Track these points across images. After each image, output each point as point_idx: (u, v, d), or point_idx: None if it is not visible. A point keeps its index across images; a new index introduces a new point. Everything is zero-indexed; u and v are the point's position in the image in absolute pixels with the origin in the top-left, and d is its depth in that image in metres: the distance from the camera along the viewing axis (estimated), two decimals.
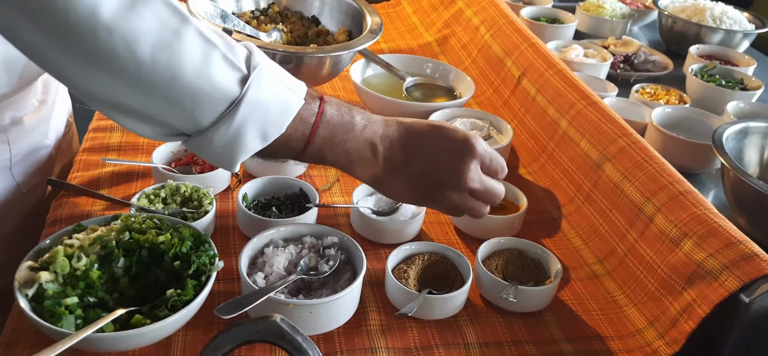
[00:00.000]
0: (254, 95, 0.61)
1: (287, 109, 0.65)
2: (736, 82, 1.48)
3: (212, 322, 0.75)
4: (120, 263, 0.72)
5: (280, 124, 0.64)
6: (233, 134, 0.62)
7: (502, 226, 0.96)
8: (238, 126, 0.61)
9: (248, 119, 0.62)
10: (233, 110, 0.61)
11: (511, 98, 1.30)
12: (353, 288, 0.76)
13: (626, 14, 1.89)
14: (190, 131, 0.63)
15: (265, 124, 0.63)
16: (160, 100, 0.59)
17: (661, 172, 0.92)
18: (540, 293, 0.83)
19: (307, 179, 1.06)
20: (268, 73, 0.64)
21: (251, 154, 0.65)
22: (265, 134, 0.64)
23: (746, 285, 0.73)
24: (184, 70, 0.57)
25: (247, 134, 0.63)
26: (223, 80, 0.60)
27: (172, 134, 0.64)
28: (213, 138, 0.62)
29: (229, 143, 0.62)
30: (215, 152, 0.64)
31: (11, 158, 0.96)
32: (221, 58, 0.60)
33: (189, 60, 0.58)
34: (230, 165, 0.66)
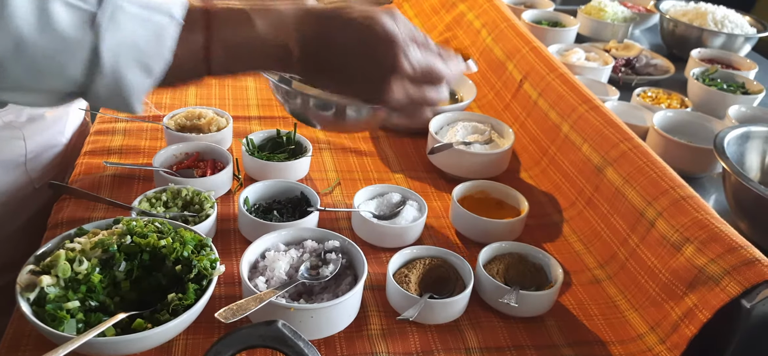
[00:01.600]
0: (113, 32, 0.55)
1: (162, 35, 0.58)
2: (738, 86, 1.48)
3: (213, 326, 0.75)
4: (121, 267, 0.72)
5: (159, 54, 0.58)
6: (112, 80, 0.56)
7: (504, 230, 0.96)
8: (112, 71, 0.56)
9: (118, 59, 0.56)
10: (97, 56, 0.55)
11: (513, 102, 1.30)
12: (354, 293, 0.76)
13: (628, 18, 1.89)
14: (70, 89, 0.58)
15: (142, 59, 0.57)
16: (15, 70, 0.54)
17: (663, 177, 0.92)
18: (541, 297, 0.83)
19: (308, 182, 1.06)
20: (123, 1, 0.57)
21: (146, 91, 0.60)
22: (147, 68, 0.58)
23: (747, 290, 0.73)
24: (22, 33, 0.52)
25: (127, 74, 0.57)
26: (67, 27, 0.54)
27: (60, 98, 0.59)
28: (96, 90, 0.57)
29: (115, 89, 0.57)
30: (108, 103, 0.59)
31: (26, 154, 0.97)
32: (60, 3, 0.54)
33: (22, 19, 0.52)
34: (129, 108, 0.60)
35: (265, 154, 1.06)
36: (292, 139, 1.10)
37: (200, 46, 0.61)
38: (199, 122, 1.11)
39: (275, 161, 1.04)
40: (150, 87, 0.60)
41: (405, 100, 0.68)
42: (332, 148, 1.17)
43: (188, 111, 1.13)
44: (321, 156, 1.14)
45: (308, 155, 1.06)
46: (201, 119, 1.11)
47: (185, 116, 1.12)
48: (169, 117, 1.11)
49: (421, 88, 0.68)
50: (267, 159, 1.04)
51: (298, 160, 1.04)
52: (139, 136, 1.13)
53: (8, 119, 0.95)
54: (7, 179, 0.97)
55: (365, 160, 1.16)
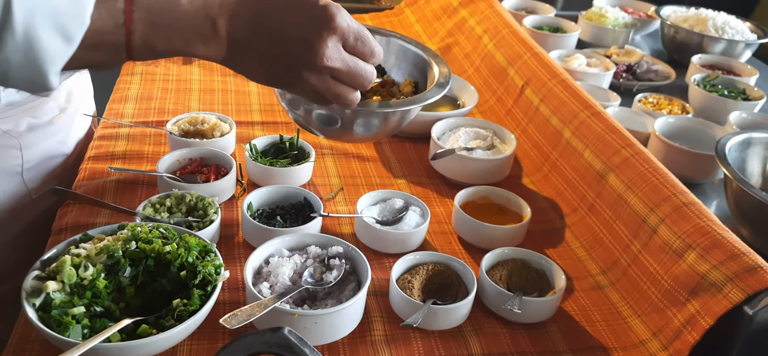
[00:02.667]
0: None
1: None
2: (739, 93, 1.48)
3: (217, 332, 0.76)
4: (126, 272, 0.73)
5: (79, 17, 0.54)
6: (24, 41, 0.52)
7: (506, 236, 0.96)
8: (23, 29, 0.51)
9: (33, 18, 0.51)
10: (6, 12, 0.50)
11: (514, 108, 1.30)
12: (358, 299, 0.76)
13: (628, 23, 1.89)
14: None
15: (57, 18, 0.53)
16: None
17: (665, 183, 0.92)
18: (544, 304, 0.83)
19: (311, 188, 1.06)
20: None
21: (62, 61, 0.55)
22: (65, 31, 0.53)
23: (750, 297, 0.74)
24: None
25: (42, 36, 0.52)
26: None
27: None
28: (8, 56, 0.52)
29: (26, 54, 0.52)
30: (20, 72, 0.54)
31: (23, 164, 0.96)
32: None
33: None
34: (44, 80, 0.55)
35: (268, 159, 1.07)
36: (295, 144, 1.10)
37: (120, 9, 0.57)
38: (202, 127, 1.11)
39: (278, 166, 1.04)
40: (67, 56, 0.55)
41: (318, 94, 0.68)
42: (335, 153, 1.18)
43: (191, 116, 1.14)
44: (324, 161, 1.15)
45: (311, 160, 1.07)
46: (204, 124, 1.12)
47: (188, 122, 1.12)
48: (172, 122, 1.12)
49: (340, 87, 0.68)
50: (270, 164, 1.04)
51: (301, 165, 1.05)
52: (142, 141, 1.14)
53: (6, 127, 0.94)
54: (3, 189, 0.95)
55: (368, 165, 1.16)
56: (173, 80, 1.37)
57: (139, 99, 1.27)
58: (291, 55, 0.65)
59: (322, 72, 0.66)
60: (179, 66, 1.44)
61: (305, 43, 0.64)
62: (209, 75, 1.42)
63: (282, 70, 0.66)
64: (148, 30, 0.59)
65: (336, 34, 0.65)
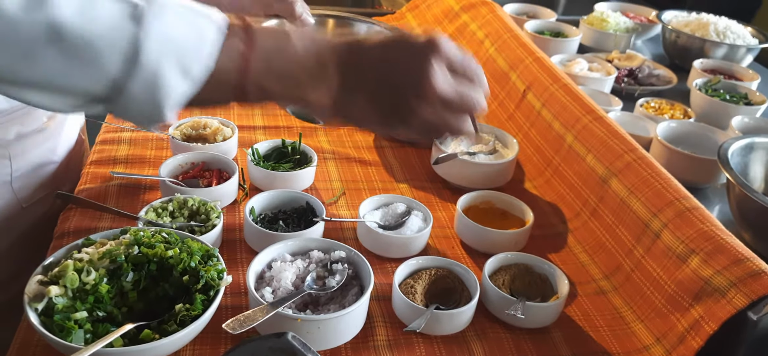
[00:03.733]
0: (157, 27, 0.54)
1: (204, 36, 0.57)
2: (741, 97, 1.48)
3: (220, 337, 0.75)
4: (129, 277, 0.72)
5: (201, 56, 0.57)
6: (150, 77, 0.54)
7: (509, 241, 0.96)
8: (152, 67, 0.54)
9: (160, 56, 0.54)
10: (138, 48, 0.53)
11: (516, 112, 1.30)
12: (361, 304, 0.76)
13: (630, 28, 1.90)
14: (104, 90, 0.55)
15: (183, 59, 0.56)
16: (52, 59, 0.52)
17: (668, 188, 0.92)
18: (547, 309, 0.83)
19: (313, 192, 1.06)
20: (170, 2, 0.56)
21: (181, 99, 0.57)
22: (187, 70, 0.56)
23: (754, 302, 0.73)
24: (61, 16, 0.51)
25: (166, 74, 0.55)
26: (110, 16, 0.53)
27: (88, 102, 0.56)
28: (131, 89, 0.55)
29: (150, 90, 0.55)
30: (140, 107, 0.56)
31: (12, 173, 0.95)
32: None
33: (64, 4, 0.51)
34: (160, 114, 0.57)
35: (270, 164, 1.07)
36: (297, 149, 1.10)
37: (240, 54, 0.60)
38: (204, 132, 1.11)
39: (280, 170, 1.04)
40: (187, 95, 0.58)
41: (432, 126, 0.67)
42: (337, 158, 1.18)
43: (194, 121, 1.14)
44: (326, 166, 1.15)
45: (313, 164, 1.07)
46: (206, 129, 1.12)
47: (191, 126, 1.12)
48: (174, 127, 1.12)
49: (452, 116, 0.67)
50: (272, 169, 1.04)
51: (304, 170, 1.05)
52: (144, 146, 1.14)
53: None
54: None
55: (370, 170, 1.16)
56: None
57: None
58: (401, 88, 0.65)
59: (434, 102, 0.65)
60: None
61: (414, 73, 0.64)
62: None
63: (393, 107, 0.66)
64: (263, 73, 0.61)
65: (442, 59, 0.64)
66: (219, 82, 0.59)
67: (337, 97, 0.65)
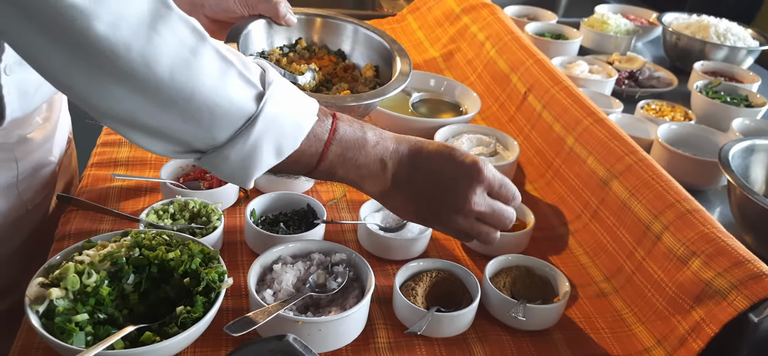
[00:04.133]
0: (270, 110, 0.62)
1: (301, 125, 0.66)
2: (741, 99, 1.48)
3: (221, 339, 0.75)
4: (130, 279, 0.73)
5: (294, 139, 0.65)
6: (249, 150, 0.62)
7: (510, 243, 0.96)
8: (254, 142, 0.62)
9: (264, 134, 0.62)
10: (250, 126, 0.61)
11: (517, 114, 1.30)
12: (362, 306, 0.76)
13: (630, 30, 1.90)
14: (205, 147, 0.63)
15: (280, 139, 0.64)
16: (176, 117, 0.59)
17: (668, 190, 0.92)
18: (548, 311, 0.83)
19: (313, 194, 1.06)
20: (283, 89, 0.65)
21: (266, 170, 0.65)
22: (279, 149, 0.64)
23: (755, 304, 0.73)
24: (201, 87, 0.58)
25: (263, 149, 0.63)
26: (239, 97, 0.61)
27: (186, 152, 0.64)
28: (229, 154, 0.62)
29: (244, 159, 0.63)
30: (230, 169, 0.64)
31: (18, 176, 0.96)
32: (237, 75, 0.61)
33: (206, 77, 0.58)
34: (244, 181, 0.66)
35: None
36: None
37: (323, 141, 0.68)
38: None
39: None
40: (271, 166, 0.65)
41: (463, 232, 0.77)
42: None
43: None
44: None
45: None
46: None
47: None
48: None
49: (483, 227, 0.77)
50: None
51: None
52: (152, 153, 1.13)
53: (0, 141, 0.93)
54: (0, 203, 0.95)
55: None
56: None
57: None
58: (443, 201, 0.74)
59: (469, 215, 0.75)
60: None
61: (457, 191, 0.74)
62: None
63: (431, 212, 0.76)
64: (336, 160, 0.70)
65: (483, 185, 0.74)
66: (298, 161, 0.67)
67: (386, 189, 0.74)
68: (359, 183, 0.74)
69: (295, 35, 1.17)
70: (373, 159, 0.72)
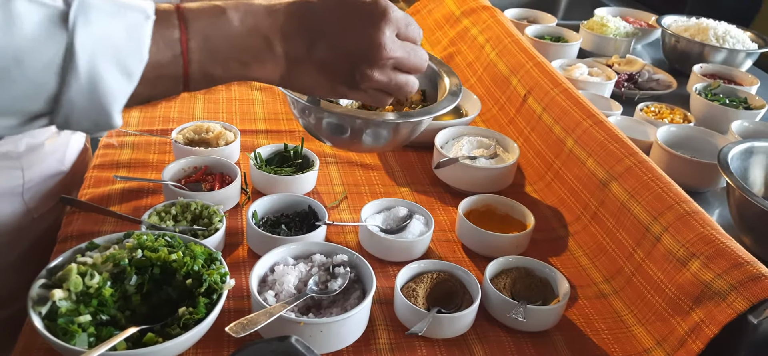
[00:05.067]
0: (86, 28, 0.51)
1: (137, 31, 0.54)
2: (740, 102, 1.49)
3: (223, 340, 0.76)
4: (132, 281, 0.73)
5: (137, 52, 0.54)
6: (90, 82, 0.52)
7: (510, 244, 0.96)
8: (89, 71, 0.51)
9: (95, 57, 0.52)
10: (69, 55, 0.51)
11: (517, 116, 1.31)
12: (363, 307, 0.76)
13: (630, 33, 1.90)
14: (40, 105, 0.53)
15: (119, 57, 0.53)
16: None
17: (668, 192, 0.93)
18: (549, 312, 0.83)
19: (315, 196, 1.07)
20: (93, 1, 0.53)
21: (125, 98, 0.55)
22: (126, 68, 0.54)
23: (754, 305, 0.74)
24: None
25: (105, 75, 0.53)
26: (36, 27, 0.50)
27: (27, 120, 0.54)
28: (72, 98, 0.52)
29: (92, 94, 0.53)
30: (84, 114, 0.54)
31: (24, 184, 0.95)
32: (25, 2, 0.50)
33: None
34: (109, 119, 0.55)
35: (272, 168, 1.07)
36: (299, 153, 1.11)
37: (176, 40, 0.57)
38: (207, 136, 1.11)
39: (283, 174, 1.04)
40: (129, 93, 0.55)
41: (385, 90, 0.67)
42: (339, 162, 1.18)
43: (196, 125, 1.14)
44: (328, 170, 1.15)
45: (315, 169, 1.07)
46: (209, 133, 1.12)
47: (193, 130, 1.13)
48: (177, 131, 1.12)
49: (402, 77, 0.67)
50: (275, 173, 1.05)
51: (306, 174, 1.05)
52: (147, 150, 1.14)
53: (6, 149, 0.93)
54: (4, 210, 0.95)
55: (371, 174, 1.16)
56: None
57: (144, 108, 1.28)
58: (352, 55, 0.64)
59: (385, 65, 0.65)
60: None
61: (365, 39, 0.63)
62: None
63: (344, 74, 0.65)
64: (204, 57, 0.59)
65: (391, 24, 0.63)
66: (160, 75, 0.57)
67: (284, 70, 0.63)
68: (248, 73, 0.63)
69: None
70: (250, 40, 0.61)
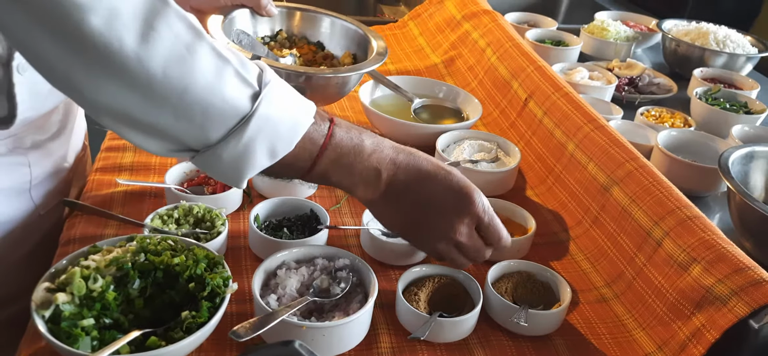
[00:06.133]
0: (265, 111, 0.61)
1: (297, 127, 0.65)
2: (741, 106, 1.49)
3: (225, 344, 0.76)
4: (135, 284, 0.73)
5: (289, 141, 0.64)
6: (242, 149, 0.62)
7: (511, 248, 0.96)
8: (247, 142, 0.61)
9: (258, 135, 0.62)
10: (243, 125, 0.61)
11: (518, 120, 1.31)
12: (365, 311, 0.77)
13: (630, 37, 1.91)
14: (199, 146, 0.62)
15: (274, 140, 0.63)
16: (169, 113, 0.58)
17: (669, 197, 0.93)
18: (550, 317, 0.83)
19: (316, 199, 1.07)
20: (279, 90, 0.64)
21: (259, 171, 0.65)
22: (273, 150, 0.64)
23: (755, 311, 0.74)
24: (195, 84, 0.58)
25: (256, 150, 0.62)
26: (234, 95, 0.60)
27: (180, 150, 0.63)
28: (222, 154, 0.62)
29: (237, 159, 0.62)
30: (223, 168, 0.63)
31: (31, 181, 0.96)
32: (234, 73, 0.60)
33: (201, 74, 0.58)
34: (237, 181, 0.65)
35: None
36: None
37: (318, 145, 0.67)
38: None
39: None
40: (265, 167, 0.64)
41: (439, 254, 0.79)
42: None
43: None
44: None
45: None
46: None
47: None
48: None
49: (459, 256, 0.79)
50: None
51: None
52: (149, 153, 1.14)
53: (13, 145, 0.94)
54: (13, 207, 0.96)
55: None
56: None
57: None
58: (429, 223, 0.76)
59: (450, 242, 0.77)
60: None
61: (446, 218, 0.75)
62: None
63: (417, 230, 0.77)
64: (330, 165, 0.69)
65: (472, 217, 0.76)
66: (292, 164, 0.66)
67: (375, 199, 0.74)
68: (352, 189, 0.74)
69: (277, 26, 1.24)
70: (368, 167, 0.72)
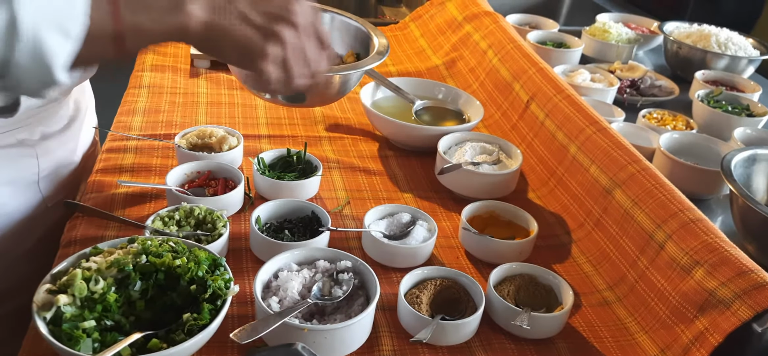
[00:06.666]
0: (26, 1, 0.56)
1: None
2: (743, 109, 1.49)
3: (226, 346, 0.76)
4: (137, 286, 0.73)
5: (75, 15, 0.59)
6: (31, 45, 0.57)
7: (513, 251, 0.96)
8: (31, 36, 0.56)
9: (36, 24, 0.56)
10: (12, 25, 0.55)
11: (520, 122, 1.31)
12: (367, 314, 0.76)
13: (632, 39, 1.90)
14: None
15: (59, 20, 0.58)
16: None
17: (672, 199, 0.93)
18: (553, 320, 0.83)
19: (318, 201, 1.07)
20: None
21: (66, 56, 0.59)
22: (65, 30, 0.58)
23: (759, 314, 0.74)
24: None
25: (46, 39, 0.57)
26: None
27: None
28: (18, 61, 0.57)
29: (35, 56, 0.57)
30: (30, 75, 0.59)
31: (39, 173, 0.97)
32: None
33: None
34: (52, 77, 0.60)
35: (275, 173, 1.07)
36: (302, 158, 1.11)
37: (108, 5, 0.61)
38: (210, 141, 1.12)
39: (286, 180, 1.04)
40: (69, 51, 0.59)
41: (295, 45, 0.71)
42: (341, 167, 1.18)
43: (199, 130, 1.14)
44: (330, 175, 1.15)
45: (318, 174, 1.07)
46: (212, 138, 1.12)
47: (196, 135, 1.13)
48: (180, 136, 1.12)
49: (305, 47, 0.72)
50: (278, 178, 1.05)
51: (309, 179, 1.05)
52: (150, 154, 1.14)
53: (21, 136, 0.95)
54: (20, 199, 0.97)
55: (374, 179, 1.16)
56: (180, 93, 1.38)
57: (147, 112, 1.28)
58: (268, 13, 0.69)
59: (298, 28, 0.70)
60: (186, 79, 1.45)
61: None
62: (216, 88, 1.42)
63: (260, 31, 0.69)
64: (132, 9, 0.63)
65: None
66: (97, 36, 0.61)
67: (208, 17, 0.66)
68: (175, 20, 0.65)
69: None
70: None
